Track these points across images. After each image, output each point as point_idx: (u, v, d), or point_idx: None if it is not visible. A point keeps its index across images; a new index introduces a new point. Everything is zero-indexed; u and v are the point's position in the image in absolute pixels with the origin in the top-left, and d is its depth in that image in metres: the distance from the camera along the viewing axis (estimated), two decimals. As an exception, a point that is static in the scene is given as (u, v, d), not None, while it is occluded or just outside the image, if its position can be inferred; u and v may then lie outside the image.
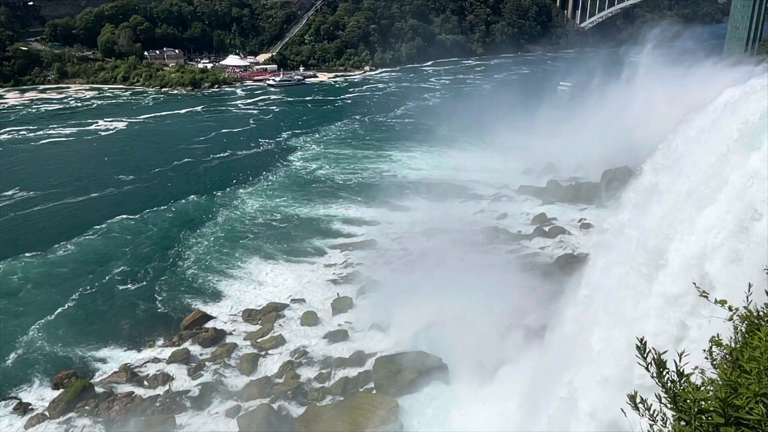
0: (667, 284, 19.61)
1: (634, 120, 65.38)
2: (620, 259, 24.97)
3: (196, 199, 65.83)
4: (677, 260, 19.61)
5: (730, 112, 23.79)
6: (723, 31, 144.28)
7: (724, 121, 23.40)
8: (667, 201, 23.53)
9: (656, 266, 20.61)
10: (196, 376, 36.80)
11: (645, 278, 21.14)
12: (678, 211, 21.19)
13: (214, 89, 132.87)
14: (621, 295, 22.37)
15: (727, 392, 4.60)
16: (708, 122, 26.46)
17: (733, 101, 25.05)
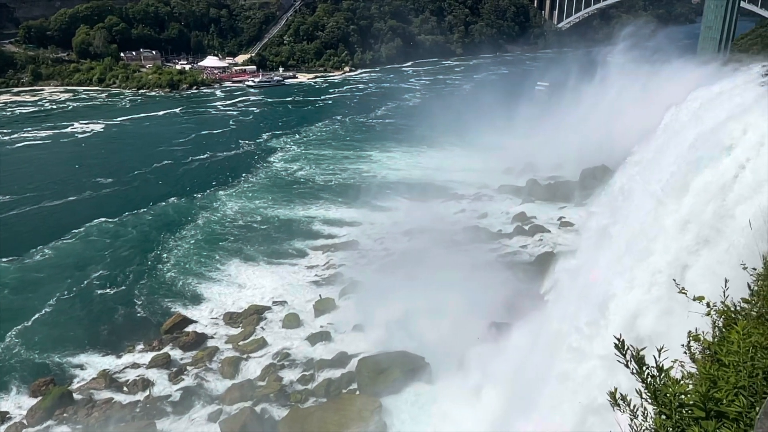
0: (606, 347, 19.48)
1: (608, 119, 66.36)
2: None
3: (175, 202, 65.15)
4: (618, 319, 19.43)
5: (670, 141, 24.04)
6: (697, 31, 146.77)
7: (662, 157, 23.58)
8: (614, 248, 23.65)
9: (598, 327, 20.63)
10: (176, 381, 36.38)
11: (586, 339, 21.14)
12: (618, 263, 21.34)
13: (193, 91, 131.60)
14: (563, 357, 22.34)
15: (707, 386, 4.65)
16: (650, 153, 26.74)
17: (674, 124, 25.41)
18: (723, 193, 18.26)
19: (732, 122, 20.44)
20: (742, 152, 18.79)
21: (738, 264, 6.30)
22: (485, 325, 35.74)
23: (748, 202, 17.29)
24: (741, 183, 18.01)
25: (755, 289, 6.90)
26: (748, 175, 17.99)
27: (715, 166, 19.34)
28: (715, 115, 22.98)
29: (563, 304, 26.92)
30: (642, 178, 27.12)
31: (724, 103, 23.89)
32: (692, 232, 18.54)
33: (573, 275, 28.44)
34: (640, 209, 22.75)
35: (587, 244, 29.79)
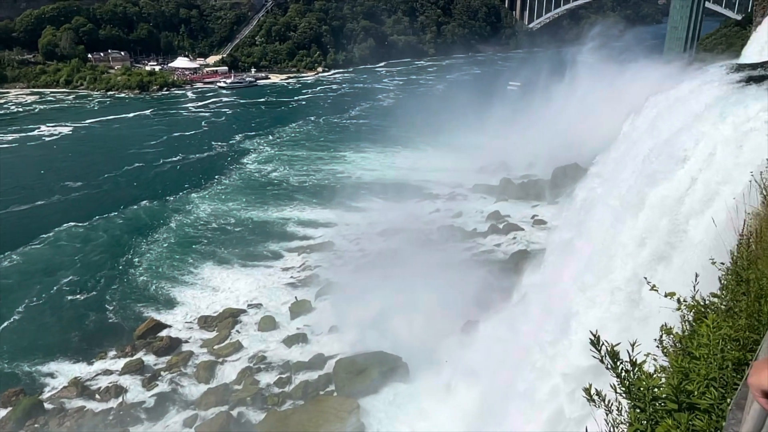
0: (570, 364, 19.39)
1: (578, 118, 67.38)
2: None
3: (147, 205, 64.19)
4: (579, 338, 19.34)
5: (628, 153, 23.91)
6: (663, 31, 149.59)
7: (620, 169, 23.53)
8: (576, 264, 23.63)
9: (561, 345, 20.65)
10: (150, 387, 35.84)
11: (549, 359, 21.19)
12: (580, 279, 21.32)
13: (164, 92, 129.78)
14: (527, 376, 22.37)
15: (679, 379, 4.73)
16: (610, 165, 26.69)
17: (632, 133, 25.46)
18: (676, 207, 18.26)
19: (685, 132, 20.48)
20: (695, 164, 18.76)
21: (690, 280, 6.38)
22: (461, 324, 35.98)
23: (699, 216, 17.29)
24: (692, 197, 17.98)
25: (724, 284, 7.04)
26: (700, 188, 17.99)
27: (669, 179, 19.30)
28: (671, 125, 23.04)
29: (530, 318, 26.95)
30: (602, 191, 27.19)
31: (679, 111, 23.97)
32: (648, 248, 18.49)
33: (539, 289, 28.47)
34: (601, 224, 22.74)
35: (551, 259, 29.75)
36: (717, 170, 17.69)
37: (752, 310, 5.33)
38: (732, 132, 18.12)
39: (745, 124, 17.78)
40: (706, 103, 21.53)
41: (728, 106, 19.44)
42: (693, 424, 4.22)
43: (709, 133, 18.99)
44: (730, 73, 24.23)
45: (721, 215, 14.57)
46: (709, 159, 18.09)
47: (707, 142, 18.76)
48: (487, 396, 27.88)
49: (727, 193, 16.16)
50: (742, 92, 20.46)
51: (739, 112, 18.44)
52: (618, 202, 21.74)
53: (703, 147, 18.76)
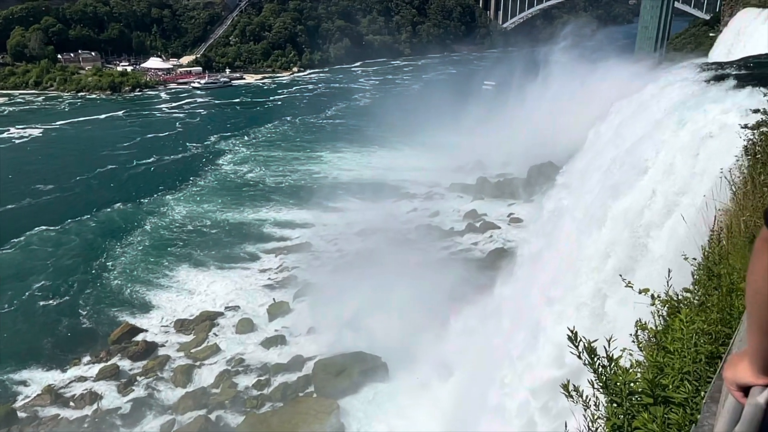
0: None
1: (551, 116, 68.19)
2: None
3: (121, 207, 63.22)
4: (546, 354, 19.36)
5: (593, 163, 23.73)
6: (634, 31, 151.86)
7: (585, 181, 23.39)
8: (544, 278, 23.56)
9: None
10: (126, 392, 35.31)
11: (518, 376, 21.21)
12: (547, 294, 21.25)
13: (136, 93, 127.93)
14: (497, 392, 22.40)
15: (654, 373, 4.81)
16: (576, 175, 26.56)
17: (597, 142, 25.40)
18: (637, 220, 18.09)
19: (646, 140, 20.44)
20: (655, 174, 18.60)
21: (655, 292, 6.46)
22: (440, 322, 36.13)
23: (658, 229, 17.14)
24: (652, 209, 17.85)
25: (696, 279, 7.17)
26: (659, 199, 17.85)
27: (631, 191, 19.27)
28: (633, 132, 22.99)
29: (501, 329, 26.89)
30: (569, 202, 27.19)
31: (642, 117, 23.96)
32: (612, 262, 18.37)
33: (510, 302, 28.49)
34: (568, 237, 22.69)
35: (522, 272, 29.69)
36: (675, 181, 17.66)
37: (724, 304, 5.44)
38: (689, 140, 18.10)
39: (701, 130, 17.78)
40: (666, 109, 21.52)
41: (687, 111, 19.46)
42: (668, 417, 4.30)
43: (669, 141, 18.97)
44: (696, 73, 24.34)
45: (681, 229, 14.44)
46: (669, 169, 17.97)
47: (668, 151, 18.71)
48: (464, 395, 28.00)
49: (686, 203, 16.02)
50: (702, 95, 20.51)
51: (697, 117, 18.47)
52: (582, 214, 21.71)
53: (663, 156, 18.72)
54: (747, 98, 17.97)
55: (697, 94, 20.63)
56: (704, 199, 13.01)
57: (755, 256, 1.52)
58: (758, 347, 1.65)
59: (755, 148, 11.39)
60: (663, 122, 20.33)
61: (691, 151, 17.39)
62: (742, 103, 17.65)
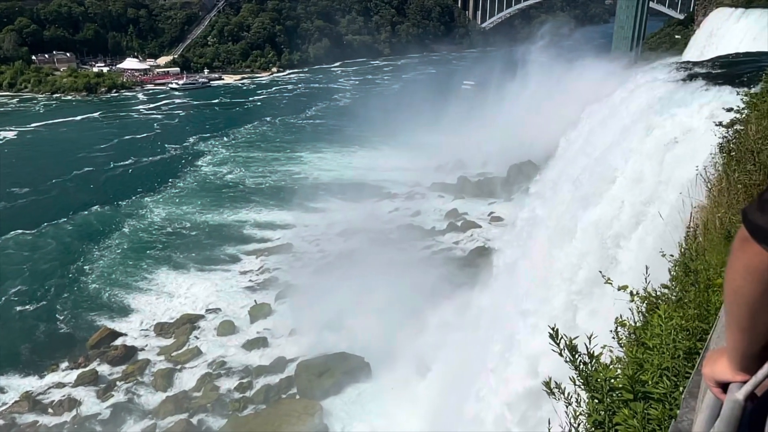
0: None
1: (530, 115, 68.81)
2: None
3: (98, 210, 62.35)
4: (521, 368, 19.19)
5: (564, 172, 23.48)
6: (611, 30, 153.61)
7: (556, 191, 23.18)
8: (519, 290, 23.35)
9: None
10: (106, 398, 34.86)
11: (492, 392, 21.10)
12: (521, 306, 21.02)
13: (113, 94, 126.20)
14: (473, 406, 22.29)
15: (633, 369, 4.87)
16: (549, 184, 26.37)
17: (569, 150, 25.25)
18: (606, 232, 17.90)
19: (615, 148, 20.25)
20: (622, 184, 18.41)
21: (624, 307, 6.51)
22: (422, 322, 36.20)
23: (626, 241, 17.02)
24: (620, 220, 17.67)
25: (673, 275, 7.28)
26: (627, 210, 17.63)
27: (600, 202, 19.15)
28: (603, 140, 22.78)
29: (477, 341, 26.70)
30: (542, 212, 27.06)
31: (611, 124, 23.74)
32: (582, 275, 18.26)
33: (486, 313, 28.42)
34: (540, 249, 22.55)
35: (497, 283, 29.55)
36: (642, 190, 17.54)
37: (701, 300, 5.53)
38: (655, 147, 17.98)
39: (667, 136, 17.68)
40: (634, 114, 21.39)
41: (653, 116, 19.39)
42: (648, 413, 4.36)
43: (637, 149, 18.83)
44: (665, 73, 24.18)
45: (649, 240, 14.33)
46: (637, 177, 17.79)
47: (636, 159, 18.55)
48: (443, 400, 28.01)
49: (653, 213, 15.88)
50: (669, 98, 20.41)
51: (664, 122, 18.41)
52: (554, 225, 21.59)
53: (632, 165, 18.50)
54: (714, 100, 17.87)
55: (665, 97, 20.55)
56: (680, 197, 13.17)
57: (734, 255, 1.54)
58: (736, 345, 1.68)
59: (729, 146, 11.57)
60: (631, 129, 20.27)
61: (658, 158, 17.34)
62: (708, 105, 17.61)
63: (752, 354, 1.68)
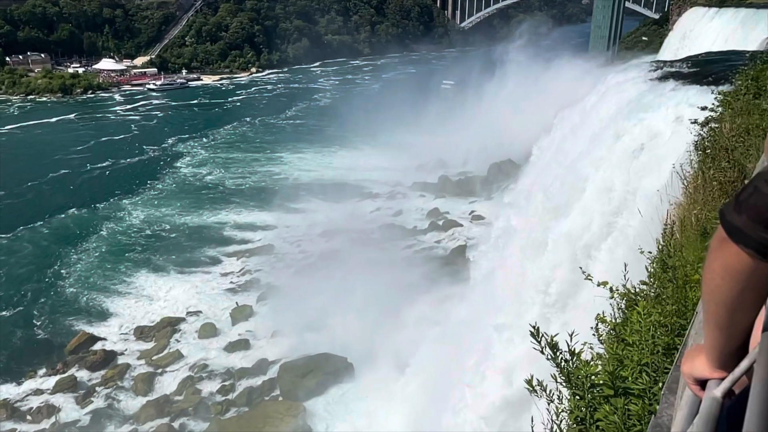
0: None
1: (509, 114, 69.30)
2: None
3: (75, 213, 61.44)
4: (496, 383, 19.04)
5: (536, 182, 23.15)
6: (588, 30, 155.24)
7: (529, 202, 22.89)
8: (494, 302, 23.02)
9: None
10: (85, 404, 34.38)
11: (468, 407, 20.87)
12: (496, 319, 20.80)
13: (89, 95, 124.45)
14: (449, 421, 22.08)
15: (614, 365, 4.93)
16: (522, 195, 26.04)
17: (541, 158, 25.02)
18: (576, 244, 17.62)
19: (585, 158, 20.02)
20: (592, 194, 18.23)
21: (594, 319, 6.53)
22: (405, 321, 36.26)
23: (598, 254, 16.75)
24: (591, 232, 17.48)
25: (651, 271, 7.37)
26: (597, 220, 17.43)
27: (570, 213, 18.91)
28: (573, 149, 22.56)
29: (454, 354, 26.44)
30: (517, 223, 26.82)
31: (582, 130, 23.50)
32: (555, 287, 18.08)
33: (463, 327, 28.24)
34: (514, 262, 22.31)
35: (474, 295, 29.36)
36: (611, 200, 17.42)
37: (679, 296, 5.61)
38: (623, 154, 17.78)
39: (634, 142, 17.56)
40: (603, 120, 21.24)
41: (622, 122, 19.27)
42: (628, 408, 4.41)
43: (606, 157, 18.66)
44: (636, 74, 23.95)
45: (619, 251, 14.20)
46: (607, 187, 17.56)
47: (606, 167, 18.28)
48: (423, 406, 28.01)
49: (622, 224, 15.73)
50: (638, 102, 20.24)
51: (632, 129, 18.31)
52: (526, 237, 21.45)
53: (602, 174, 18.28)
54: (681, 102, 17.86)
55: (633, 101, 20.43)
56: (658, 194, 13.33)
57: (711, 254, 1.57)
58: (714, 342, 1.71)
59: (704, 143, 11.75)
60: (600, 136, 20.14)
61: (626, 166, 17.22)
62: (675, 108, 17.54)
63: (730, 351, 1.71)
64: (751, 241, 1.46)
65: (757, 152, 9.16)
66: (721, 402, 1.64)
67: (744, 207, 1.46)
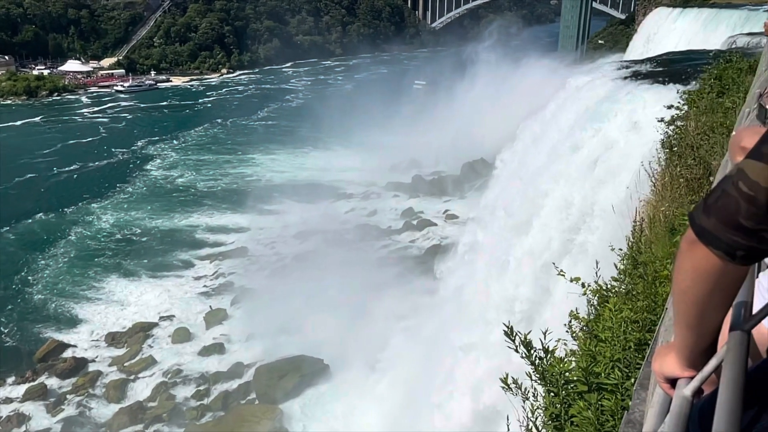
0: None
1: (479, 113, 69.89)
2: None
3: (42, 218, 60.06)
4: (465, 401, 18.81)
5: (500, 197, 22.94)
6: (557, 29, 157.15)
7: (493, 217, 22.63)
8: (463, 319, 22.86)
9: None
10: (56, 412, 33.67)
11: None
12: (465, 338, 20.69)
13: (55, 97, 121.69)
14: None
15: (587, 361, 5.01)
16: (487, 209, 25.86)
17: (504, 170, 24.74)
18: (538, 262, 17.34)
19: (544, 172, 19.61)
20: (550, 211, 18.01)
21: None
22: (380, 320, 36.27)
23: (566, 263, 16.45)
24: (550, 250, 17.15)
25: (621, 268, 7.50)
26: (556, 236, 17.10)
27: (530, 231, 18.61)
28: (534, 162, 22.16)
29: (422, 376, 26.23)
30: (482, 238, 26.49)
31: (543, 142, 23.12)
32: (518, 308, 17.89)
33: (432, 346, 28.06)
34: (480, 280, 22.08)
35: (443, 313, 28.98)
36: (569, 216, 17.09)
37: (649, 292, 5.72)
38: (580, 168, 17.68)
39: (592, 155, 17.37)
40: (562, 131, 20.94)
41: (578, 133, 19.04)
42: (602, 404, 4.49)
43: (565, 171, 18.37)
44: (601, 76, 23.82)
45: (578, 270, 14.15)
46: (565, 204, 17.24)
47: (564, 182, 17.91)
48: (403, 392, 28.04)
49: (580, 241, 15.49)
50: (595, 110, 20.00)
51: (591, 140, 18.19)
52: (489, 255, 21.18)
53: (561, 189, 17.89)
54: (638, 110, 17.64)
55: (591, 108, 20.15)
56: (627, 191, 13.54)
57: (681, 256, 1.60)
58: (684, 342, 1.76)
59: (671, 142, 12.00)
60: (558, 149, 19.90)
61: (583, 181, 17.03)
62: (629, 115, 17.46)
63: (700, 350, 1.76)
64: (720, 243, 1.50)
65: (722, 149, 9.39)
66: (690, 400, 1.69)
67: (712, 210, 1.50)
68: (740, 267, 1.54)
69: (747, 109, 9.65)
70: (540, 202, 18.57)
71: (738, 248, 1.48)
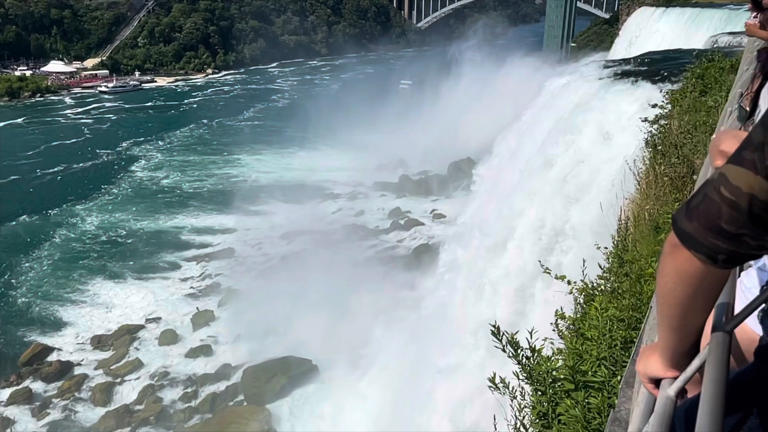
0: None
1: (465, 112, 70.15)
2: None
3: (26, 220, 59.37)
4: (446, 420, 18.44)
5: (477, 215, 22.63)
6: (542, 29, 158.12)
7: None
8: (445, 331, 22.58)
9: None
10: (42, 416, 33.32)
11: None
12: (443, 362, 20.25)
13: (37, 98, 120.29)
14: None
15: (573, 360, 5.05)
16: (472, 218, 25.52)
17: (482, 185, 24.47)
18: (513, 284, 17.10)
19: (518, 190, 19.21)
20: (523, 233, 17.65)
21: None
22: (367, 320, 36.28)
23: (532, 297, 16.24)
24: (525, 272, 16.83)
25: (607, 266, 7.57)
26: (530, 258, 16.57)
27: (505, 252, 18.22)
28: (509, 179, 21.85)
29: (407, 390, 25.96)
30: (461, 255, 26.19)
31: (517, 157, 22.74)
32: (502, 320, 17.68)
33: (412, 367, 27.85)
34: (458, 303, 21.78)
35: (424, 332, 28.78)
36: (542, 237, 16.76)
37: (634, 290, 5.77)
38: (553, 185, 17.10)
39: (564, 171, 17.12)
40: (536, 143, 20.55)
41: (551, 148, 18.65)
42: (588, 402, 4.53)
43: (539, 189, 17.82)
44: (569, 80, 23.54)
45: (557, 297, 13.79)
46: (538, 224, 16.95)
47: (538, 200, 17.56)
48: (391, 392, 28.06)
49: (553, 263, 15.42)
50: (568, 120, 19.71)
51: (564, 156, 17.81)
52: (466, 277, 20.90)
53: (535, 209, 17.53)
54: (615, 118, 17.40)
55: (563, 118, 19.79)
56: (613, 189, 13.64)
57: (665, 259, 1.63)
58: (668, 343, 1.79)
59: (654, 140, 12.13)
60: (532, 165, 19.48)
61: (556, 199, 16.97)
62: (603, 124, 17.26)
63: (683, 351, 1.79)
64: (702, 247, 1.52)
65: (705, 148, 9.50)
66: (675, 400, 1.71)
67: (695, 214, 1.52)
68: (722, 270, 1.56)
69: (729, 108, 9.77)
70: (514, 223, 18.27)
71: (720, 252, 1.49)
